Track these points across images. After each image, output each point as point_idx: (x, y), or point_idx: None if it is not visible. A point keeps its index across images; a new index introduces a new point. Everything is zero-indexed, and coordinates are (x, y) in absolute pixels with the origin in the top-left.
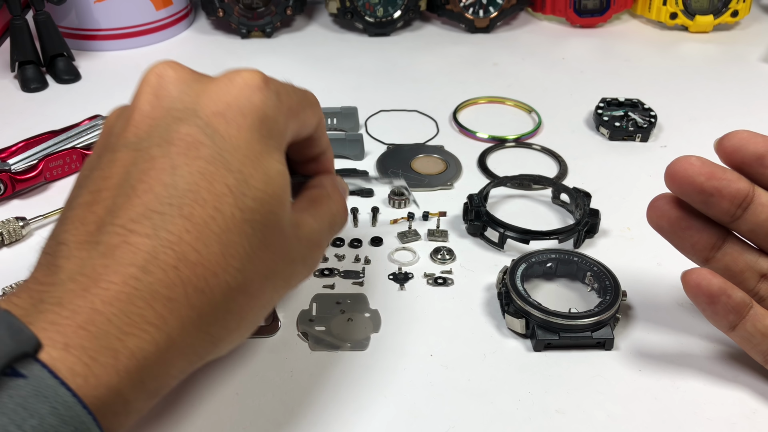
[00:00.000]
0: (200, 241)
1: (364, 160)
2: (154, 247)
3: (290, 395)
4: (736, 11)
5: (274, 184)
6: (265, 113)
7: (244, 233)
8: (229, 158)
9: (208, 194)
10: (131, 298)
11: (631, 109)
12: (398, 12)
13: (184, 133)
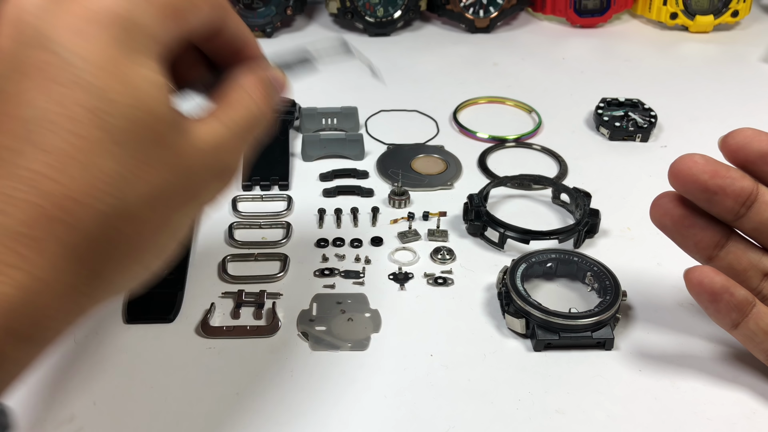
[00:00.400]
0: (62, 173)
1: (364, 160)
2: (12, 187)
3: (290, 395)
4: (737, 11)
5: (144, 97)
6: (128, 20)
7: (112, 155)
8: (88, 77)
9: (66, 120)
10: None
11: (631, 109)
12: (398, 12)
13: (39, 60)
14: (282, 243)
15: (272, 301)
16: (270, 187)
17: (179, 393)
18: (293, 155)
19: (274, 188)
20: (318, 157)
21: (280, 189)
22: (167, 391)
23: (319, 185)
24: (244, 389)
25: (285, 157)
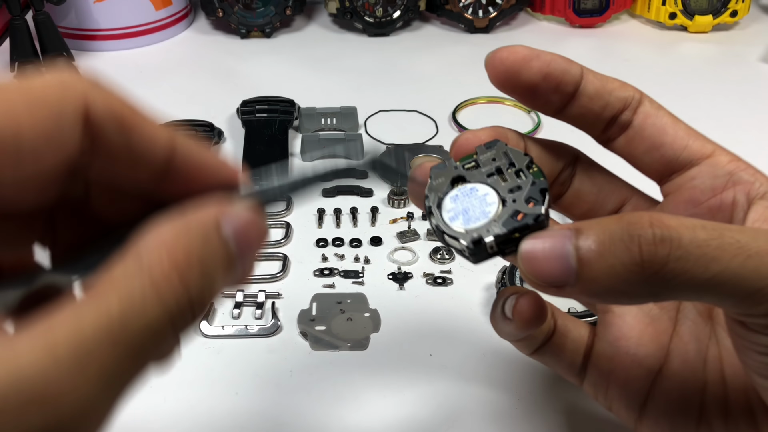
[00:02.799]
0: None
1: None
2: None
3: (290, 395)
4: (735, 11)
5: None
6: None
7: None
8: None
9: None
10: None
11: None
12: (398, 12)
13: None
14: (282, 243)
15: (272, 301)
16: None
17: (179, 393)
18: (292, 155)
19: None
20: (317, 157)
21: None
22: (167, 391)
23: (318, 185)
24: (244, 389)
25: (284, 157)
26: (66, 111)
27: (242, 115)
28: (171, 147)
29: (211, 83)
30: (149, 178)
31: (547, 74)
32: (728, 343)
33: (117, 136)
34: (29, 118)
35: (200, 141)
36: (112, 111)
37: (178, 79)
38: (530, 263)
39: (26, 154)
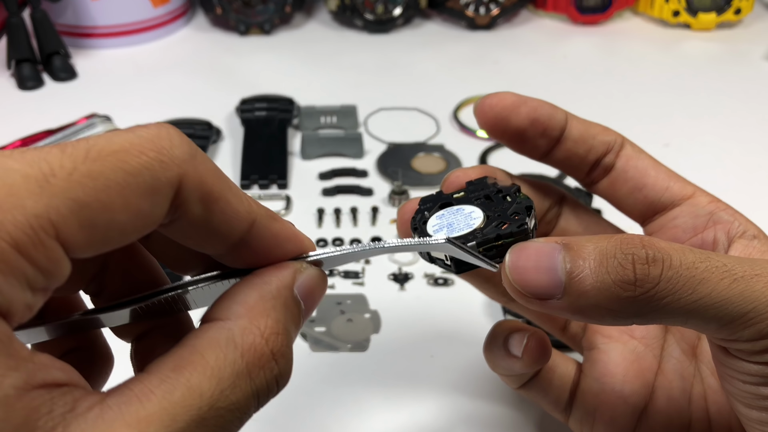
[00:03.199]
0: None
1: (363, 158)
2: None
3: (290, 397)
4: (739, 9)
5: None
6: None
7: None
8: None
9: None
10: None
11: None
12: (398, 9)
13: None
14: None
15: None
16: (268, 186)
17: None
18: (292, 154)
19: (273, 187)
20: (317, 156)
21: (278, 188)
22: None
23: (318, 184)
24: None
25: (283, 156)
26: (161, 189)
27: (241, 114)
28: (250, 223)
29: (209, 81)
30: (222, 249)
31: (535, 119)
32: (712, 382)
33: (200, 209)
34: (123, 196)
35: (277, 215)
36: (203, 186)
37: (176, 77)
38: (517, 272)
39: (114, 232)
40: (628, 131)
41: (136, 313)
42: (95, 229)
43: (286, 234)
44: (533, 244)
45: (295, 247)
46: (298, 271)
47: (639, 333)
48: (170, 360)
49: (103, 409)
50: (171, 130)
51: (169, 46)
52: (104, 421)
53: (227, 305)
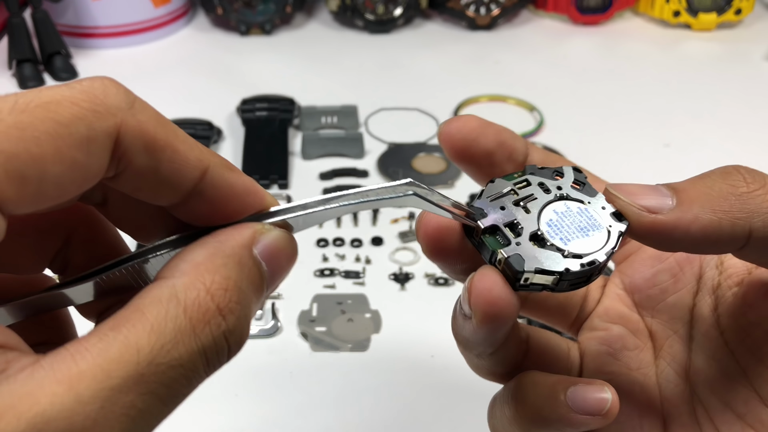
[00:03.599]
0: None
1: (364, 158)
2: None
3: (290, 396)
4: (740, 9)
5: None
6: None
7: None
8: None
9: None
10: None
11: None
12: (399, 9)
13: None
14: None
15: (272, 302)
16: (269, 186)
17: None
18: (292, 153)
19: (273, 187)
20: (318, 156)
21: (279, 188)
22: None
23: (318, 184)
24: (244, 391)
25: (284, 156)
26: (96, 139)
27: (242, 114)
28: (202, 171)
29: (210, 81)
30: (176, 198)
31: (502, 141)
32: (714, 402)
33: (145, 158)
34: (54, 146)
35: (234, 167)
36: (144, 134)
37: (177, 78)
38: (626, 192)
39: (48, 184)
40: (629, 131)
41: (98, 287)
42: (26, 181)
43: (244, 185)
44: (630, 184)
45: (255, 200)
46: (258, 231)
47: (634, 364)
48: (111, 320)
49: (35, 368)
50: (106, 80)
51: (170, 46)
52: (34, 379)
53: (175, 264)
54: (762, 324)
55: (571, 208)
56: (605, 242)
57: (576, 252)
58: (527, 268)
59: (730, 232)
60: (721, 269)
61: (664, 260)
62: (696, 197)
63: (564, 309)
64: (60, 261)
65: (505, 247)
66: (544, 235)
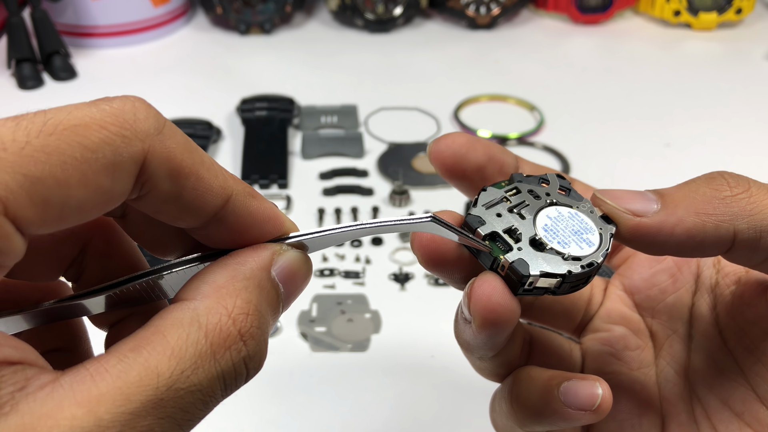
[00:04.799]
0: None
1: (364, 158)
2: None
3: (290, 397)
4: (740, 8)
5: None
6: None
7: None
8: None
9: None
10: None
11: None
12: (399, 9)
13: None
14: None
15: None
16: (269, 186)
17: None
18: (292, 153)
19: (273, 187)
20: (317, 155)
21: (279, 187)
22: None
23: (318, 184)
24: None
25: (284, 155)
26: (122, 165)
27: (242, 114)
28: (224, 199)
29: (209, 81)
30: (196, 224)
31: (492, 156)
32: (711, 401)
33: (169, 185)
34: (80, 172)
35: (257, 193)
36: (171, 161)
37: (177, 77)
38: (612, 197)
39: (71, 208)
40: (629, 131)
41: (111, 299)
42: (49, 205)
43: (265, 213)
44: (616, 189)
45: (275, 227)
46: (276, 253)
47: (635, 364)
48: (131, 340)
49: (54, 387)
50: (137, 102)
51: (170, 45)
52: (53, 399)
53: (196, 286)
54: (758, 322)
55: (562, 213)
56: (599, 244)
57: (575, 255)
58: (532, 271)
59: (714, 235)
60: (718, 268)
61: (661, 261)
62: (680, 201)
63: (569, 313)
64: (75, 269)
65: (507, 253)
66: (543, 240)
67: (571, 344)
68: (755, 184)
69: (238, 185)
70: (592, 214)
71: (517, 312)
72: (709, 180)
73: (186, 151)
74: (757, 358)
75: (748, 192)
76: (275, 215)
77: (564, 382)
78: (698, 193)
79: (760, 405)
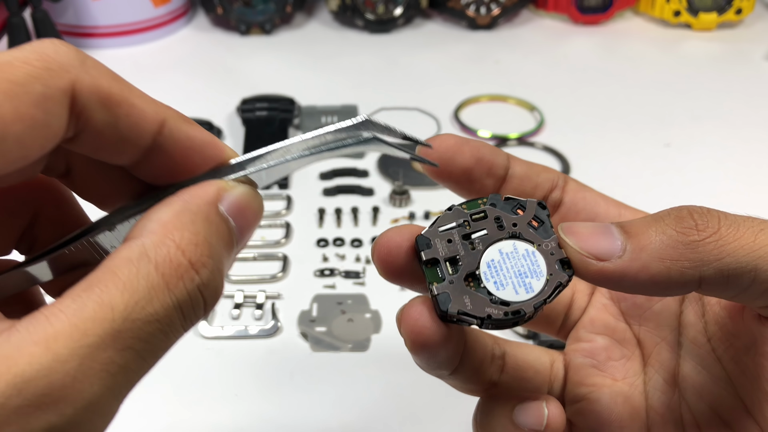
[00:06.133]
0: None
1: (364, 158)
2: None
3: (290, 397)
4: (740, 9)
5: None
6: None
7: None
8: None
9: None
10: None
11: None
12: (399, 9)
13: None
14: (282, 243)
15: (272, 302)
16: (269, 186)
17: (177, 394)
18: None
19: (274, 187)
20: None
21: (279, 188)
22: (165, 392)
23: (319, 184)
24: (244, 391)
25: None
26: (52, 96)
27: (242, 114)
28: (159, 123)
29: (210, 81)
30: (136, 154)
31: (480, 158)
32: (701, 407)
33: (103, 114)
34: (12, 105)
35: (190, 119)
36: (99, 89)
37: (177, 77)
38: (574, 235)
39: (10, 143)
40: (629, 131)
41: (55, 264)
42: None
43: (202, 137)
44: (582, 224)
45: (215, 152)
46: (223, 188)
47: (620, 374)
48: (83, 282)
49: (11, 333)
50: (56, 41)
51: (170, 46)
52: (10, 342)
53: (142, 224)
54: (740, 336)
55: (518, 249)
56: (539, 292)
57: (504, 299)
58: (451, 309)
59: (679, 280)
60: None
61: None
62: (646, 245)
63: (547, 319)
64: (27, 241)
65: (439, 283)
66: (480, 277)
67: (554, 356)
68: (725, 222)
69: (171, 111)
70: (552, 256)
71: (443, 336)
72: (678, 220)
73: (113, 80)
74: (741, 370)
75: (716, 234)
76: (213, 141)
77: (518, 405)
78: (665, 235)
79: (748, 416)
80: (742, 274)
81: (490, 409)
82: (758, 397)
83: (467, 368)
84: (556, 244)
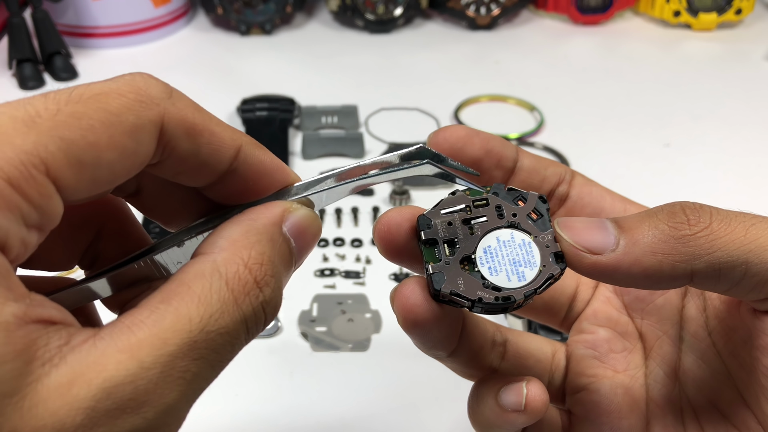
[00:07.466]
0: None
1: (364, 158)
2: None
3: (291, 396)
4: (740, 9)
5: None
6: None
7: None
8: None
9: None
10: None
11: None
12: (399, 9)
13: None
14: None
15: None
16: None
17: None
18: (293, 153)
19: None
20: (318, 156)
21: None
22: None
23: None
24: (244, 390)
25: (284, 156)
26: (143, 127)
27: (242, 114)
28: (236, 149)
29: (210, 81)
30: (213, 178)
31: (489, 150)
32: (701, 400)
33: (187, 143)
34: (108, 134)
35: (261, 144)
36: (185, 120)
37: (177, 78)
38: (569, 230)
39: (103, 169)
40: (629, 131)
41: (115, 280)
42: (84, 167)
43: (273, 163)
44: (578, 219)
45: (282, 177)
46: (287, 210)
47: (621, 366)
48: (158, 294)
49: (96, 340)
50: (145, 75)
51: (170, 46)
52: (97, 349)
53: (213, 241)
54: (737, 331)
55: (515, 238)
56: (531, 281)
57: (497, 284)
58: (444, 289)
59: (670, 274)
60: None
61: None
62: (639, 239)
63: (551, 309)
64: (89, 256)
65: (435, 262)
66: (475, 261)
67: (556, 346)
68: (717, 217)
69: (245, 137)
70: (547, 249)
71: (434, 315)
72: (670, 215)
73: (196, 110)
74: (740, 363)
75: (708, 229)
76: (281, 166)
77: (503, 386)
78: (657, 229)
79: (747, 409)
80: (734, 268)
81: (480, 392)
82: (755, 390)
83: (466, 351)
84: (552, 238)
